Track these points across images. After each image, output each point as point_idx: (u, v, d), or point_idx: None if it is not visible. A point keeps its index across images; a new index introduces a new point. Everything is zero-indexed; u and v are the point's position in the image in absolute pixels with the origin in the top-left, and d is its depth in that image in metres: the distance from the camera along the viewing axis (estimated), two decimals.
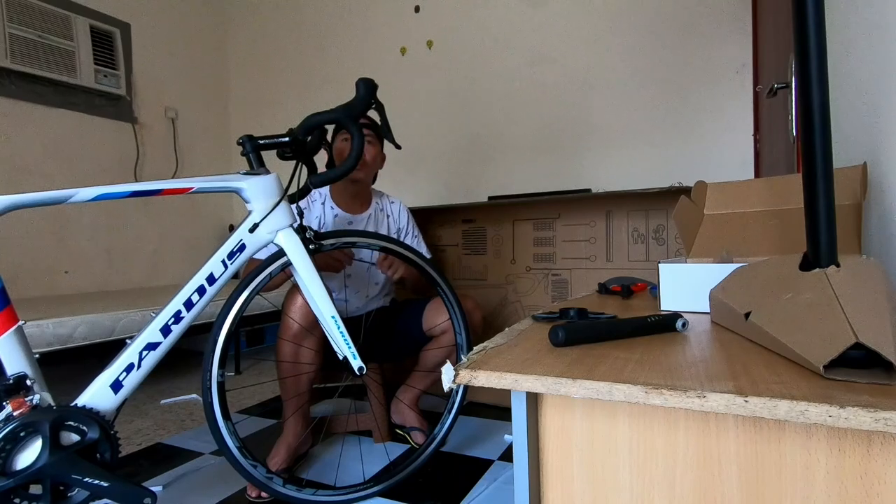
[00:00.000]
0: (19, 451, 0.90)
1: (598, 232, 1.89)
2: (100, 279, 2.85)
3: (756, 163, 2.22)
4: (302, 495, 1.20)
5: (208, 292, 1.07)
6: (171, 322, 1.04)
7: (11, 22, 2.39)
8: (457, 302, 1.36)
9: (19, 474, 0.88)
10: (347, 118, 1.16)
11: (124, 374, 1.00)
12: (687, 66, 2.36)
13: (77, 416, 0.94)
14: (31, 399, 0.92)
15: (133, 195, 1.03)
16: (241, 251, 1.10)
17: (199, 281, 1.06)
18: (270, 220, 1.12)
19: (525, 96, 2.73)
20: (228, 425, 1.15)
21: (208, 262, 1.08)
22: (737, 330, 0.65)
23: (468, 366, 0.53)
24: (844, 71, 1.02)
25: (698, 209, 1.05)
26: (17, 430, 0.89)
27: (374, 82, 1.18)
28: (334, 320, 1.16)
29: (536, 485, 0.56)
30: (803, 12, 0.54)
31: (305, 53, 3.36)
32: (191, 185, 1.06)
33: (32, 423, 0.90)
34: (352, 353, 1.18)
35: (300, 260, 1.15)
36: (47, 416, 0.91)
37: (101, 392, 0.98)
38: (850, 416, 0.37)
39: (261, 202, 1.12)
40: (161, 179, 1.05)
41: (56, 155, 2.66)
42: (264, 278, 1.18)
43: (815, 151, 0.55)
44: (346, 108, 1.16)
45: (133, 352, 1.01)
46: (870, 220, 0.94)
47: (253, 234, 1.11)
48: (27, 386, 0.93)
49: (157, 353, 1.03)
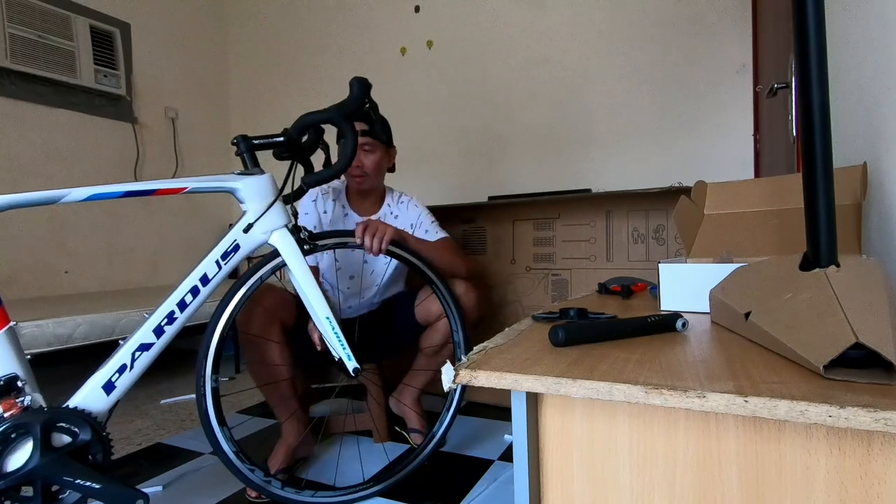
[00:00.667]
0: (10, 452, 0.89)
1: (598, 232, 1.89)
2: (100, 279, 2.85)
3: (756, 163, 2.22)
4: (301, 497, 1.20)
5: (202, 293, 1.06)
6: (165, 323, 1.03)
7: (11, 22, 2.39)
8: (453, 299, 1.36)
9: (10, 476, 0.88)
10: (341, 117, 1.15)
11: (117, 375, 0.99)
12: (687, 66, 2.36)
13: (68, 418, 0.93)
14: (22, 400, 0.91)
15: (127, 195, 1.02)
16: (235, 251, 1.10)
17: (193, 281, 1.06)
18: (265, 220, 1.12)
19: (525, 96, 2.73)
20: (224, 431, 1.14)
21: (202, 263, 1.07)
22: (737, 330, 0.65)
23: (468, 366, 0.53)
24: (844, 70, 1.02)
25: (698, 209, 1.05)
26: (8, 432, 0.88)
27: (367, 81, 1.18)
28: (329, 321, 1.16)
29: (536, 485, 0.56)
30: (803, 12, 0.53)
31: (305, 53, 3.36)
32: (185, 185, 1.05)
33: (23, 425, 0.89)
34: (346, 353, 1.17)
35: (294, 261, 1.15)
36: (38, 418, 0.90)
37: (93, 393, 0.98)
38: (850, 416, 0.37)
39: (255, 202, 1.12)
40: (156, 179, 1.05)
41: (56, 155, 2.66)
42: (256, 280, 1.18)
43: (815, 151, 0.55)
44: (339, 108, 1.15)
45: (126, 353, 1.01)
46: (870, 220, 0.94)
47: (247, 235, 1.11)
48: (18, 387, 0.92)
49: (150, 354, 1.03)
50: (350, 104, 1.16)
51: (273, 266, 1.18)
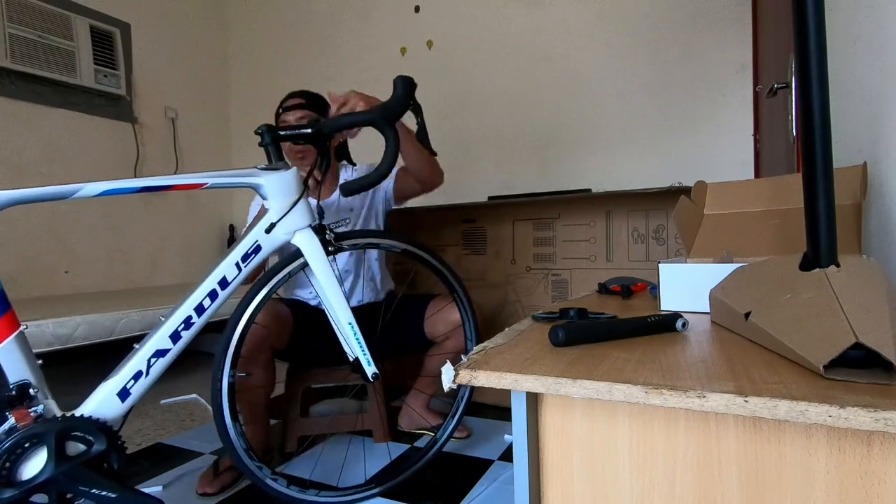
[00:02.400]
0: (24, 462, 0.87)
1: (598, 232, 1.89)
2: (100, 279, 2.85)
3: (756, 163, 2.22)
4: (305, 496, 1.20)
5: (220, 296, 1.01)
6: (182, 328, 0.99)
7: (11, 22, 2.39)
8: (471, 308, 1.34)
9: (24, 485, 0.85)
10: (383, 120, 1.07)
11: (132, 381, 0.96)
12: (687, 66, 2.36)
13: (83, 427, 0.90)
14: (34, 410, 0.88)
15: (143, 191, 0.97)
16: (256, 253, 1.04)
17: (212, 285, 1.00)
18: (288, 219, 1.05)
19: (525, 96, 2.73)
20: (236, 426, 1.12)
21: (221, 265, 1.02)
22: (737, 330, 0.65)
23: (468, 366, 0.53)
24: (844, 70, 1.02)
25: (698, 209, 1.05)
26: (22, 443, 0.86)
27: (412, 81, 1.09)
28: (351, 327, 1.12)
29: (536, 485, 0.56)
30: (803, 12, 0.53)
31: (305, 53, 3.36)
32: (204, 181, 1.00)
33: (37, 435, 0.86)
34: (367, 359, 1.14)
35: (318, 263, 1.09)
36: (52, 428, 0.87)
37: (107, 400, 0.94)
38: (850, 416, 0.37)
39: (279, 200, 1.05)
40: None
41: (56, 155, 2.66)
42: (283, 277, 1.13)
43: (815, 151, 0.55)
44: (382, 110, 1.07)
45: (141, 359, 0.96)
46: (870, 220, 0.94)
47: (269, 235, 1.05)
48: (30, 395, 0.89)
49: (165, 360, 0.98)
50: (393, 106, 1.07)
51: (295, 267, 1.13)
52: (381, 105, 1.09)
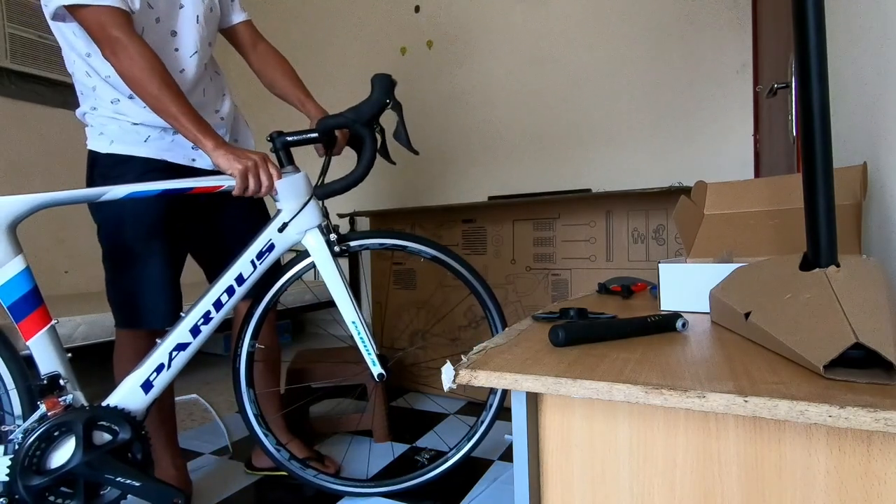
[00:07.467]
0: (54, 450, 0.92)
1: (598, 232, 1.89)
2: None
3: (756, 163, 2.22)
4: (304, 475, 1.25)
5: (237, 292, 1.08)
6: (201, 322, 1.05)
7: (11, 22, 2.39)
8: (494, 304, 1.29)
9: (54, 473, 0.90)
10: (356, 123, 1.10)
11: (154, 374, 1.02)
12: (687, 66, 2.36)
13: (109, 416, 0.96)
14: (64, 399, 0.93)
15: (164, 193, 1.03)
16: (269, 251, 1.11)
17: (229, 281, 1.07)
18: (300, 219, 1.12)
19: (525, 96, 2.73)
20: (250, 393, 1.20)
21: (237, 263, 1.09)
22: (737, 330, 0.65)
23: (468, 366, 0.53)
24: (844, 70, 1.02)
25: (698, 209, 1.05)
26: (52, 430, 0.91)
27: (391, 79, 1.11)
28: (355, 326, 1.15)
29: (536, 485, 0.56)
30: (803, 12, 0.53)
31: (306, 53, 3.36)
32: (221, 184, 1.05)
33: (66, 423, 0.91)
34: (371, 359, 1.17)
35: (324, 262, 1.14)
36: (80, 416, 0.92)
37: (132, 392, 1.00)
38: (850, 416, 0.37)
39: (290, 201, 1.11)
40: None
41: (56, 155, 2.65)
42: (294, 275, 1.20)
43: (815, 151, 0.55)
44: (354, 112, 1.10)
45: (163, 352, 1.03)
46: (870, 220, 0.94)
47: (282, 234, 1.11)
48: (60, 385, 0.94)
49: (186, 353, 1.05)
50: (366, 109, 1.10)
51: (304, 266, 1.19)
52: (353, 107, 1.12)
